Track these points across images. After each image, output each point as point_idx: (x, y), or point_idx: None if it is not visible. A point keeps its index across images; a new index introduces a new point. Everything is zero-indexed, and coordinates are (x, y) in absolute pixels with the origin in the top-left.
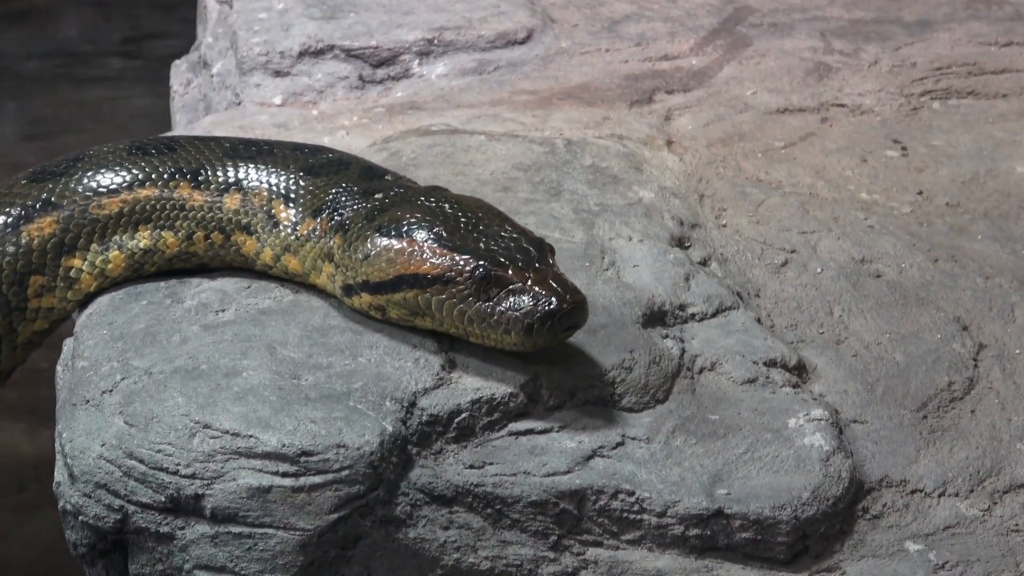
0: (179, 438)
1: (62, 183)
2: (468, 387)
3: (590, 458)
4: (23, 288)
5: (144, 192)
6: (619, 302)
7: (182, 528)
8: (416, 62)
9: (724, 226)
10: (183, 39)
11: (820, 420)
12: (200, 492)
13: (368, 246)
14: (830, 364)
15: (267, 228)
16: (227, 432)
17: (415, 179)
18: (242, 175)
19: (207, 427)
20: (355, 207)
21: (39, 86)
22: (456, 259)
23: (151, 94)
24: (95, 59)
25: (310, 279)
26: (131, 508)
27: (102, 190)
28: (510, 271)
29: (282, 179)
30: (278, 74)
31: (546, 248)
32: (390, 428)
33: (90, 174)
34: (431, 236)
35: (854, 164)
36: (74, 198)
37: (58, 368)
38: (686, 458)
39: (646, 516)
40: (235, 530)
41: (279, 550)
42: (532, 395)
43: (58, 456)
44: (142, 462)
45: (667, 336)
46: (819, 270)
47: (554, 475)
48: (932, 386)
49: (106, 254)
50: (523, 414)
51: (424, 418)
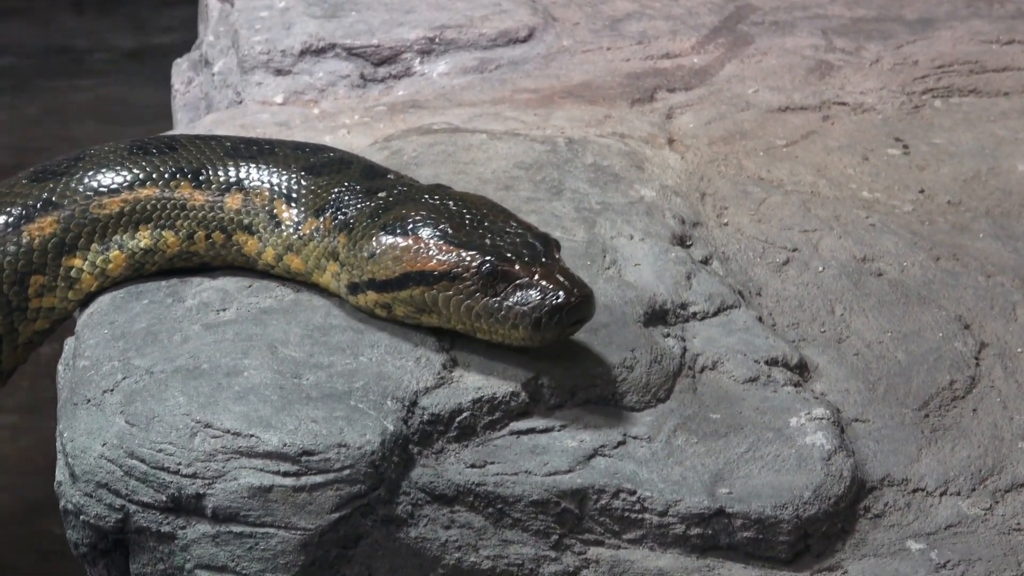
0: (180, 437)
1: (63, 183)
2: (469, 386)
3: (591, 457)
4: (24, 288)
5: (145, 192)
6: (620, 301)
7: (183, 528)
8: (417, 61)
9: (726, 225)
10: (185, 38)
11: (822, 419)
12: (201, 491)
13: (374, 244)
14: (832, 363)
15: (269, 228)
16: (228, 431)
17: (416, 178)
18: (243, 175)
19: (208, 426)
20: (359, 206)
21: (39, 84)
22: (462, 255)
23: (152, 92)
24: (96, 57)
25: (313, 278)
26: (132, 508)
27: (103, 190)
28: (517, 266)
29: (284, 179)
30: (279, 73)
31: (552, 243)
32: (391, 427)
33: (91, 174)
34: (437, 233)
35: (856, 162)
36: (75, 198)
37: (59, 367)
38: (687, 457)
39: (648, 515)
40: (236, 529)
41: (280, 549)
42: (533, 394)
43: (59, 455)
44: (143, 461)
45: (668, 335)
46: (821, 269)
47: (555, 474)
48: (934, 385)
49: (107, 254)
50: (524, 413)
51: (425, 417)
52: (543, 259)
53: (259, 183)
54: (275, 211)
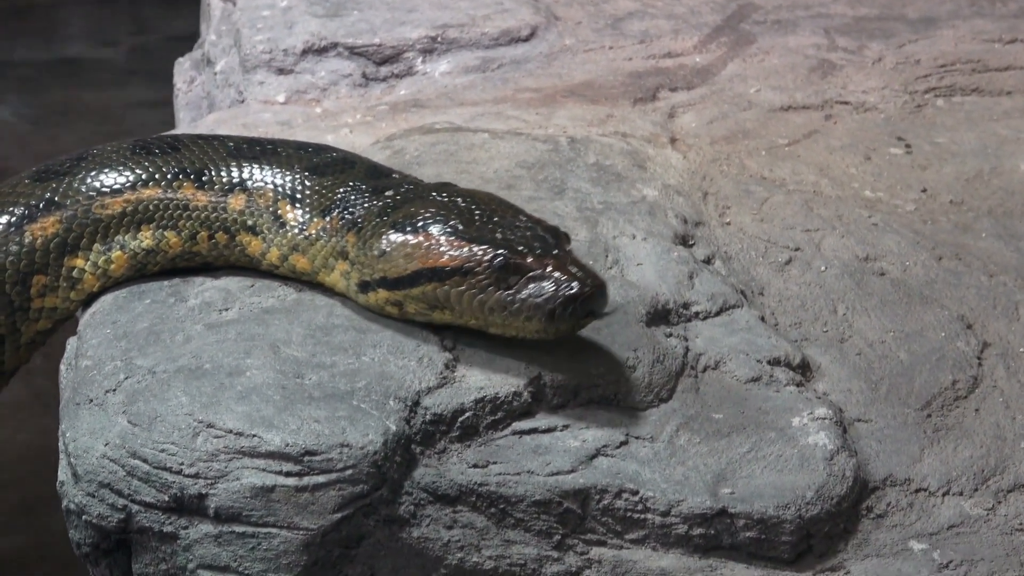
0: (183, 437)
1: (65, 182)
2: (472, 386)
3: (594, 457)
4: (26, 288)
5: (147, 192)
6: (623, 300)
7: (186, 528)
8: (420, 60)
9: (728, 224)
10: (186, 36)
11: (824, 419)
12: (204, 491)
13: (384, 242)
14: (834, 363)
15: (273, 228)
16: (231, 431)
17: (419, 177)
18: (246, 175)
19: (211, 426)
20: (366, 205)
21: (41, 82)
22: (474, 250)
23: (154, 92)
24: (98, 56)
25: (319, 277)
26: (135, 507)
27: (105, 190)
28: (529, 259)
29: (287, 179)
30: (281, 72)
31: (562, 236)
32: (394, 427)
33: (93, 174)
34: (447, 229)
35: (858, 162)
36: (77, 198)
37: (62, 367)
38: (690, 457)
39: (650, 515)
40: (239, 529)
41: (283, 549)
42: (536, 394)
43: (62, 455)
44: (146, 461)
45: (671, 334)
46: (823, 268)
47: (558, 474)
48: (936, 385)
49: (109, 254)
50: (527, 413)
51: (428, 417)
52: (555, 251)
53: (262, 184)
54: (279, 212)
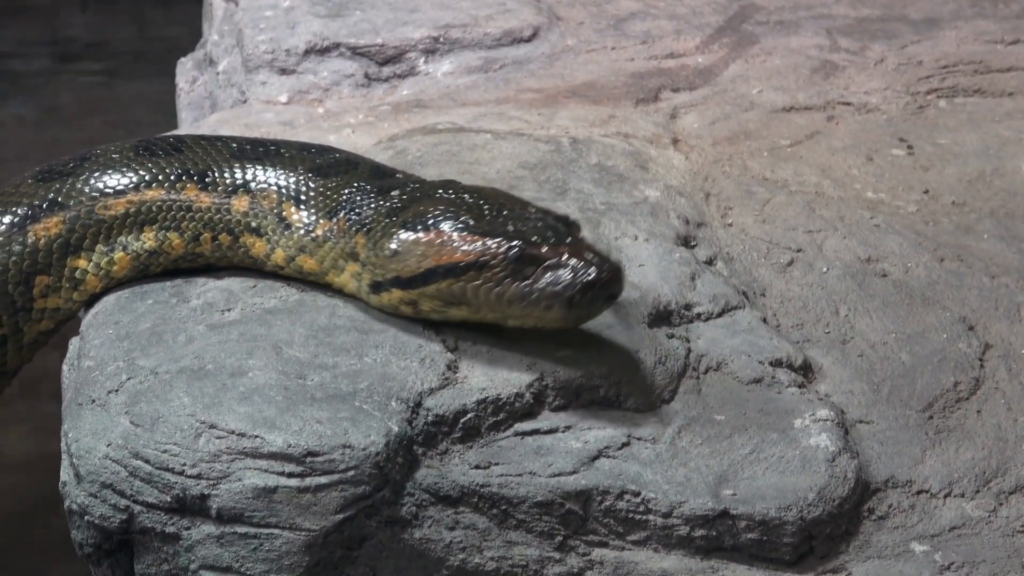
0: (185, 438)
1: (69, 183)
2: (474, 387)
3: (596, 458)
4: (29, 288)
5: (151, 193)
6: (625, 301)
7: (188, 528)
8: (422, 60)
9: (730, 225)
10: (189, 36)
11: (826, 420)
12: (206, 492)
13: (395, 242)
14: (836, 364)
15: (278, 230)
16: (233, 432)
17: (421, 177)
18: (250, 177)
19: (213, 427)
20: (374, 205)
21: (43, 81)
22: (488, 244)
23: (157, 91)
24: (100, 55)
25: (327, 278)
26: (137, 508)
27: (108, 191)
28: (544, 248)
29: (292, 181)
30: (284, 72)
31: (573, 224)
32: (396, 428)
33: (97, 174)
34: (459, 225)
35: (860, 163)
36: (80, 198)
37: (64, 367)
38: (692, 458)
39: (652, 517)
40: (241, 530)
41: (285, 550)
42: (538, 395)
43: (64, 456)
44: (148, 462)
45: (673, 336)
46: (825, 269)
47: (560, 475)
48: (938, 386)
49: (111, 255)
50: (529, 414)
51: (430, 418)
52: (568, 239)
53: (266, 185)
54: (284, 213)
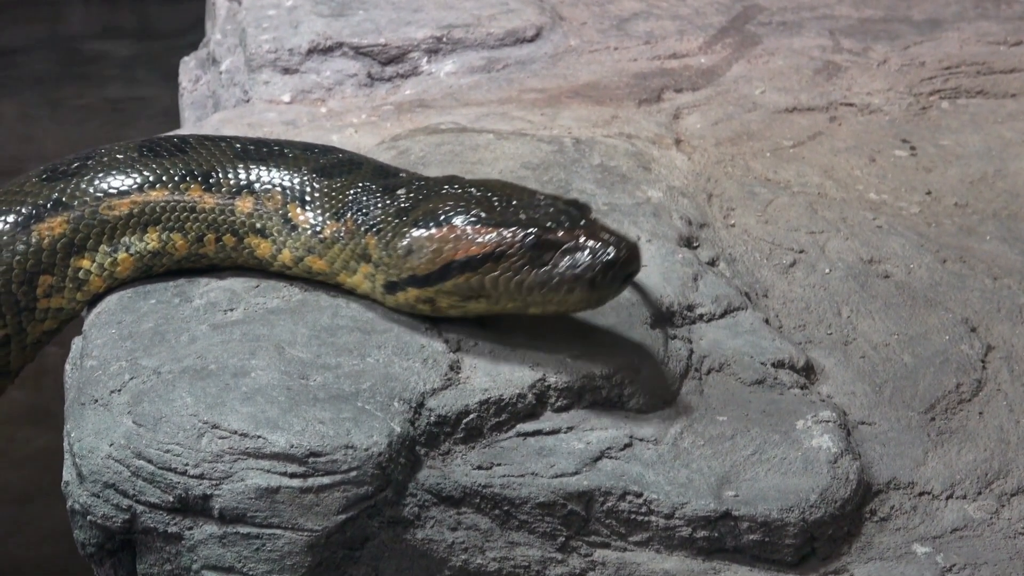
0: (188, 438)
1: (73, 183)
2: (476, 388)
3: (598, 459)
4: (32, 288)
5: (155, 194)
6: (627, 302)
7: (190, 528)
8: (425, 60)
9: (732, 226)
10: (192, 35)
11: (828, 422)
12: (208, 492)
13: (409, 241)
14: (838, 365)
15: (284, 231)
16: (235, 432)
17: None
18: (254, 177)
19: (215, 427)
20: (381, 205)
21: (45, 80)
22: (503, 233)
23: (160, 90)
24: (104, 54)
25: (338, 279)
26: (139, 508)
27: (112, 191)
28: (560, 232)
29: (296, 181)
30: (287, 71)
31: (584, 206)
32: (398, 429)
33: (101, 175)
34: (471, 219)
35: (863, 164)
36: (85, 199)
37: (67, 367)
38: (694, 460)
39: (654, 518)
40: (243, 530)
41: (287, 551)
42: (540, 396)
43: (66, 455)
44: (151, 462)
45: (675, 337)
46: (827, 270)
47: (562, 476)
48: (940, 388)
49: (115, 255)
50: (531, 415)
51: (432, 419)
52: (582, 222)
53: (270, 186)
54: (290, 215)
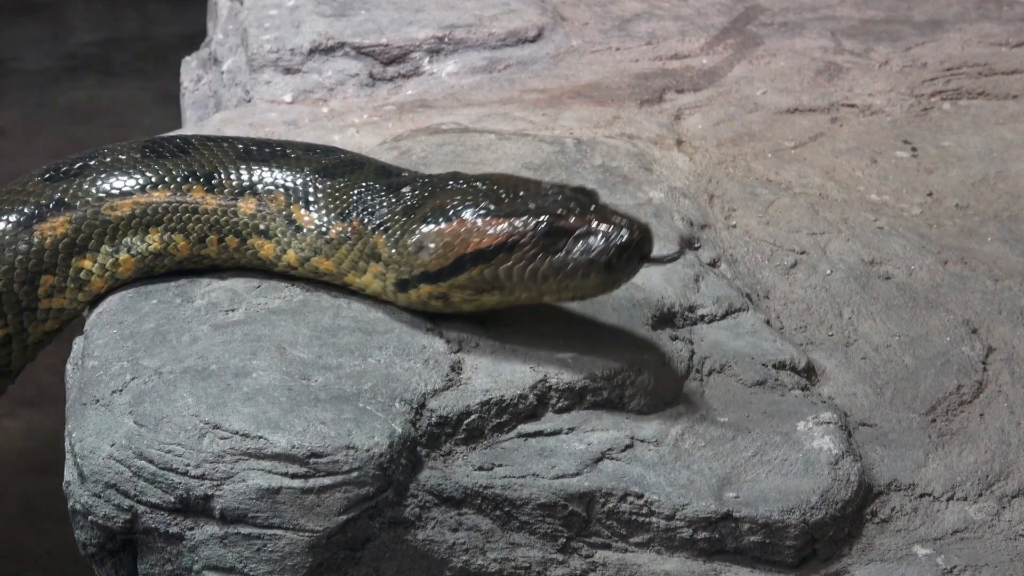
0: (189, 439)
1: (76, 183)
2: (477, 388)
3: (599, 460)
4: (34, 288)
5: (157, 195)
6: (628, 303)
7: (191, 529)
8: (426, 60)
9: (734, 227)
10: (193, 35)
11: (829, 423)
12: (209, 493)
13: (419, 237)
14: (839, 366)
15: (288, 232)
16: (237, 433)
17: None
18: (256, 178)
19: (217, 428)
20: (387, 204)
21: (47, 80)
22: (514, 223)
23: (161, 90)
24: (105, 53)
25: (346, 279)
26: (141, 508)
27: (115, 192)
28: (572, 218)
29: (299, 182)
30: (288, 71)
31: (591, 191)
32: (399, 429)
33: (104, 175)
34: (480, 211)
35: (864, 165)
36: (87, 199)
37: (68, 367)
38: (695, 461)
39: (655, 519)
40: (244, 531)
41: (288, 551)
42: (541, 397)
43: (68, 455)
44: (152, 462)
45: (676, 338)
46: (828, 272)
47: (563, 477)
48: (941, 389)
49: (116, 256)
50: (532, 416)
51: (433, 419)
52: (592, 207)
53: (273, 187)
54: (294, 216)
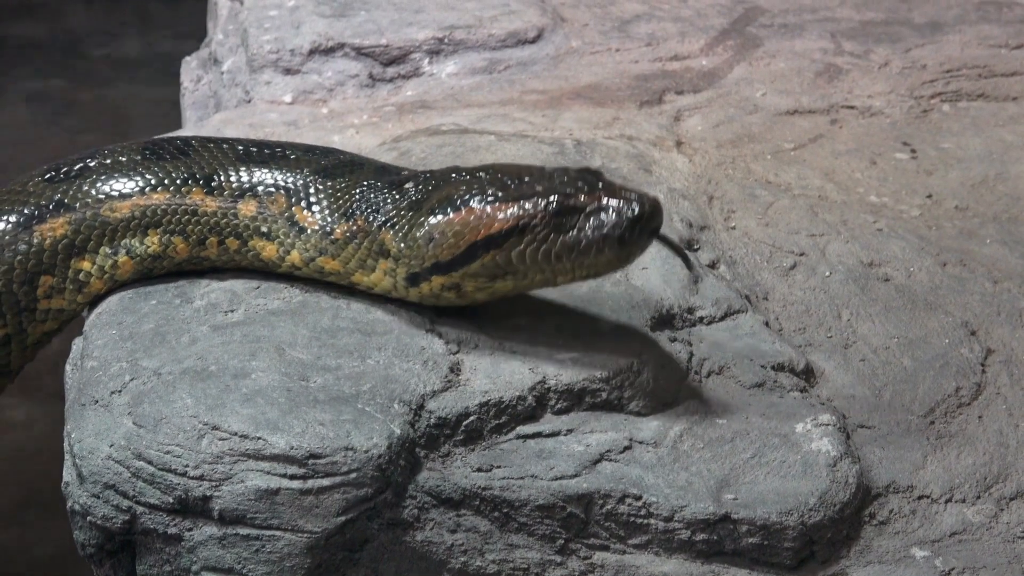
0: (188, 439)
1: (75, 184)
2: (476, 390)
3: (597, 462)
4: (33, 288)
5: (156, 197)
6: (628, 305)
7: (190, 529)
8: (426, 61)
9: (733, 228)
10: (194, 35)
11: (827, 425)
12: (208, 494)
13: (428, 229)
14: (838, 368)
15: (291, 233)
16: (236, 434)
17: None
18: (256, 180)
19: (216, 429)
20: (392, 201)
21: (47, 80)
22: (524, 206)
23: (161, 90)
24: (106, 53)
25: (352, 279)
26: (139, 509)
27: (115, 193)
28: (581, 196)
29: (299, 183)
30: (288, 72)
31: (596, 171)
32: (398, 431)
33: (103, 177)
34: (487, 199)
35: (863, 166)
36: (87, 200)
37: (67, 367)
38: (693, 462)
39: (653, 520)
40: (243, 532)
41: (286, 552)
42: (540, 398)
43: (67, 456)
44: (151, 463)
45: (675, 339)
46: (828, 273)
47: (561, 479)
48: (940, 391)
49: (115, 258)
50: (531, 417)
51: (432, 421)
52: (600, 184)
53: (273, 189)
54: (296, 217)
